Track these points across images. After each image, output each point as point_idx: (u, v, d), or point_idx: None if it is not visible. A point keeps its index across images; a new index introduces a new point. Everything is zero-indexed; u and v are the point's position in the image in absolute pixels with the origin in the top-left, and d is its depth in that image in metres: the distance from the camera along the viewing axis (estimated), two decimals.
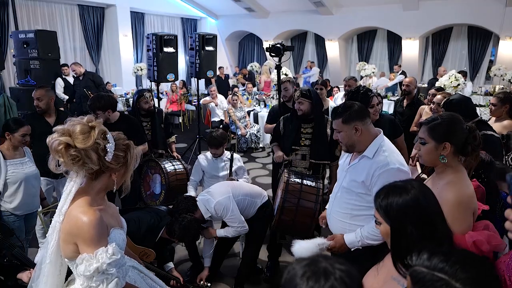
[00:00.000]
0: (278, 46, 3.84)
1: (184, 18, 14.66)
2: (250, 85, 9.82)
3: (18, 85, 6.34)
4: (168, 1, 13.37)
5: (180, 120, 9.96)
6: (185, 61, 13.94)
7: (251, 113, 8.47)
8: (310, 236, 2.65)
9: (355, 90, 3.23)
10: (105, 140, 1.47)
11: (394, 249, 1.28)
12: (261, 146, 8.06)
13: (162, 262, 2.92)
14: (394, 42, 12.69)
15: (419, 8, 11.01)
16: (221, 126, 7.79)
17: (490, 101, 3.66)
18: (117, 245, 1.51)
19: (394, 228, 1.26)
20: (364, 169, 2.10)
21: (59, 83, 7.34)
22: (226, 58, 15.75)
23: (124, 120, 3.64)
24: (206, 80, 9.94)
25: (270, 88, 10.09)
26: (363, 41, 13.53)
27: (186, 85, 11.87)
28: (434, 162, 1.76)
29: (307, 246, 2.04)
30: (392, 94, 9.82)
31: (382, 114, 3.38)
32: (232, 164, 3.55)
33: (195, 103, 9.86)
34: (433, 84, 7.44)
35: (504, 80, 9.38)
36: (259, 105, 9.04)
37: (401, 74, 10.33)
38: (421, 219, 1.23)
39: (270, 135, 4.01)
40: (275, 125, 3.64)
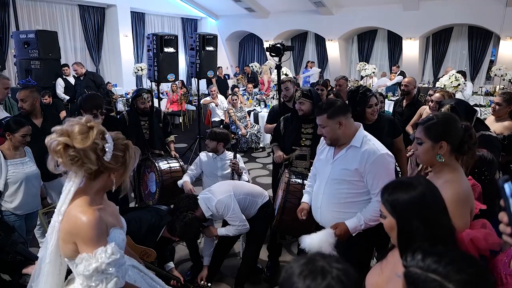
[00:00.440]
0: (278, 46, 3.84)
1: (184, 18, 14.67)
2: (250, 85, 9.83)
3: (19, 85, 6.36)
4: (168, 1, 13.39)
5: (180, 120, 9.98)
6: (185, 61, 13.95)
7: (252, 113, 8.47)
8: None
9: (355, 89, 3.23)
10: (103, 140, 1.47)
11: (401, 244, 1.29)
12: (261, 146, 8.06)
13: (162, 262, 2.92)
14: (394, 42, 12.69)
15: (420, 8, 11.00)
16: (221, 126, 7.79)
17: (494, 99, 3.60)
18: (116, 244, 1.51)
19: (400, 223, 1.28)
20: (355, 157, 2.25)
21: (60, 83, 7.34)
22: (227, 58, 15.76)
23: (108, 120, 3.63)
24: (207, 80, 9.94)
25: (269, 88, 10.10)
26: (364, 41, 13.53)
27: (186, 85, 11.88)
28: (432, 162, 1.77)
29: (319, 238, 2.13)
30: (392, 94, 9.81)
31: (381, 114, 3.38)
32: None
33: (196, 103, 9.87)
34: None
35: (504, 80, 9.37)
36: (260, 105, 9.05)
37: (399, 74, 10.31)
38: (427, 216, 1.24)
39: (270, 135, 4.01)
40: (275, 125, 3.64)
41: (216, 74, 6.75)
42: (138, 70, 10.28)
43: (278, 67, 3.95)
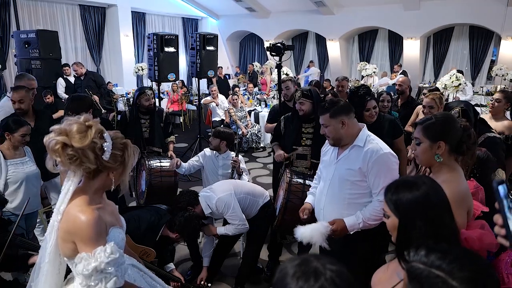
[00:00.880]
0: (279, 45, 3.85)
1: (185, 18, 14.68)
2: (251, 85, 9.83)
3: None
4: (169, 1, 13.39)
5: (181, 120, 9.98)
6: (186, 61, 13.95)
7: (252, 113, 8.47)
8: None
9: (355, 91, 3.23)
10: (102, 139, 1.47)
11: (399, 243, 1.28)
12: (261, 146, 8.07)
13: (162, 263, 2.91)
14: (395, 42, 12.68)
15: (420, 8, 10.99)
16: (222, 126, 7.78)
17: (493, 96, 3.58)
18: (116, 244, 1.51)
19: (403, 222, 1.27)
20: (358, 157, 2.24)
21: (61, 83, 7.34)
22: (227, 58, 15.76)
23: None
24: (208, 80, 9.94)
25: (270, 88, 10.09)
26: (364, 41, 13.52)
27: (186, 85, 11.88)
28: (430, 162, 1.77)
29: (312, 228, 2.14)
30: (393, 94, 9.79)
31: (382, 114, 3.37)
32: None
33: (196, 103, 9.87)
34: None
35: (505, 80, 9.36)
36: (260, 105, 9.05)
37: (401, 74, 10.30)
38: (430, 215, 1.23)
39: (270, 135, 4.01)
40: (276, 124, 3.64)
41: (216, 73, 6.75)
42: (139, 70, 10.27)
43: (279, 67, 3.95)
